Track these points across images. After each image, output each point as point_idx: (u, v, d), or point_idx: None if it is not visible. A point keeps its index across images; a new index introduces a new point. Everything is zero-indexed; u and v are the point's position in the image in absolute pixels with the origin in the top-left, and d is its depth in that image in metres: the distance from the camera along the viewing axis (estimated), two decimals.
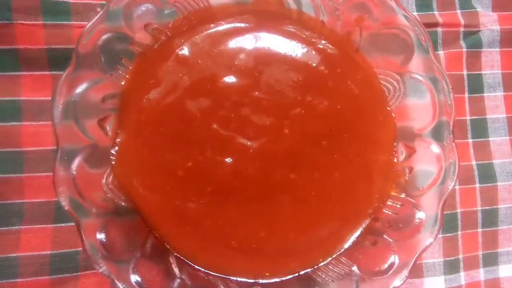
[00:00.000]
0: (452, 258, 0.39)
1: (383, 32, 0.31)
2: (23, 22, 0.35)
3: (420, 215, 0.29)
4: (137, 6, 0.29)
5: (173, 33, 0.31)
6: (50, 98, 0.35)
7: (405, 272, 0.28)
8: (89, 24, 0.27)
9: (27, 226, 0.34)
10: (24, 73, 0.35)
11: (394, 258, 0.28)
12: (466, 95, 0.41)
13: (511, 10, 0.42)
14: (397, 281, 0.27)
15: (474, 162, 0.40)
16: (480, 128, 0.41)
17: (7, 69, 0.35)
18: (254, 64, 0.31)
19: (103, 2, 0.36)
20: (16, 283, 0.34)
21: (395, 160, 0.32)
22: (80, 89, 0.27)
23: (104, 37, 0.28)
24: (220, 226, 0.30)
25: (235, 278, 0.30)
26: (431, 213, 0.29)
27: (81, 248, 0.34)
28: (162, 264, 0.29)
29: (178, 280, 0.29)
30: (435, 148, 0.30)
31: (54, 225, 0.35)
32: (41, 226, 0.34)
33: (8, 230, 0.34)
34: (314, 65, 0.32)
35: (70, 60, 0.34)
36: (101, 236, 0.27)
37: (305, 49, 0.32)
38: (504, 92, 0.41)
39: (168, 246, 0.30)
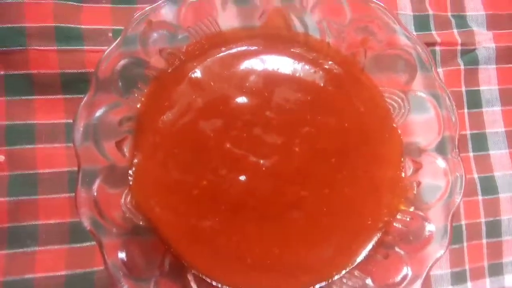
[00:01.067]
0: (459, 269, 0.40)
1: (387, 53, 0.32)
2: (37, 47, 0.36)
3: (429, 227, 0.30)
4: (153, 32, 0.30)
5: (186, 57, 0.33)
6: (63, 121, 0.36)
7: (418, 283, 0.28)
8: (108, 49, 0.28)
9: (42, 248, 0.35)
10: (38, 97, 0.36)
11: (406, 270, 0.29)
12: (466, 110, 0.42)
13: (505, 29, 0.44)
14: None
15: (476, 175, 0.41)
16: (480, 142, 0.42)
17: (21, 93, 0.36)
18: (264, 85, 0.32)
19: (114, 27, 0.38)
20: None
21: (403, 175, 0.33)
22: (99, 112, 0.28)
23: (122, 62, 0.29)
24: (235, 243, 0.31)
25: None
26: (440, 226, 0.30)
27: (96, 268, 0.35)
28: (180, 282, 0.30)
29: None
30: (441, 162, 0.31)
31: (69, 246, 0.35)
32: (56, 247, 0.35)
33: (24, 252, 0.34)
34: (322, 85, 0.33)
35: (84, 84, 0.36)
36: (122, 255, 0.27)
37: (312, 70, 0.33)
38: (501, 107, 0.43)
39: (185, 264, 0.31)
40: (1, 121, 0.35)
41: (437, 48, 0.42)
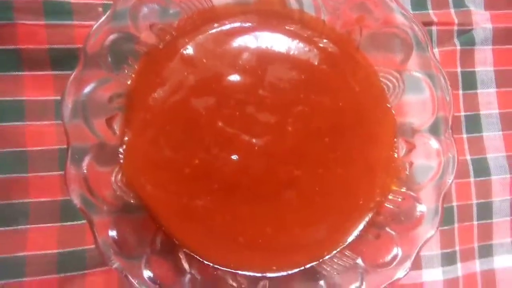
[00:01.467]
0: (449, 250, 0.40)
1: (382, 31, 0.32)
2: (25, 22, 0.35)
3: (421, 208, 0.30)
4: (143, 6, 0.29)
5: (177, 33, 0.32)
6: (52, 97, 0.36)
7: (408, 263, 0.28)
8: (97, 24, 0.27)
9: (34, 226, 0.35)
10: (27, 73, 0.36)
11: (397, 250, 0.29)
12: (460, 91, 0.42)
13: (503, 9, 0.43)
14: (401, 272, 0.28)
15: (468, 157, 0.41)
16: (474, 124, 0.42)
17: (9, 69, 0.35)
18: (258, 63, 0.32)
19: (104, 2, 0.37)
20: (23, 282, 0.34)
21: (396, 156, 0.33)
22: (88, 88, 0.28)
23: (111, 37, 0.28)
24: (227, 222, 0.31)
25: (243, 272, 0.31)
26: (431, 206, 0.30)
27: (87, 246, 0.35)
28: (172, 260, 0.30)
29: (189, 275, 0.29)
30: (434, 143, 0.31)
31: (60, 224, 0.35)
32: (47, 225, 0.35)
33: (15, 230, 0.34)
34: (316, 63, 0.33)
35: (74, 59, 0.35)
36: (113, 233, 0.27)
37: (307, 48, 0.33)
38: (496, 88, 0.43)
39: (177, 242, 0.31)
40: None
41: (434, 28, 0.41)
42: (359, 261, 0.30)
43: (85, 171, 0.27)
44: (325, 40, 0.33)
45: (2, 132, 0.35)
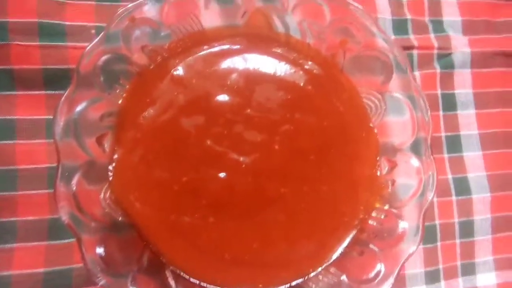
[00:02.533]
0: (433, 268, 0.41)
1: (365, 54, 0.33)
2: (20, 42, 0.36)
3: (403, 225, 0.31)
4: (136, 29, 0.30)
5: (168, 54, 0.33)
6: (44, 117, 0.36)
7: (391, 279, 0.29)
8: (90, 45, 0.28)
9: (21, 244, 0.34)
10: (19, 92, 0.36)
11: (380, 267, 0.30)
12: (441, 113, 0.44)
13: (480, 34, 0.45)
14: None
15: (450, 176, 0.43)
16: (454, 144, 0.43)
17: (2, 89, 0.36)
18: (246, 83, 0.33)
19: (97, 24, 0.38)
20: None
21: (379, 174, 0.34)
22: (80, 107, 0.28)
23: (104, 57, 0.29)
24: (214, 239, 0.31)
25: None
26: (413, 223, 0.31)
27: (74, 265, 0.35)
28: (158, 277, 0.30)
29: None
30: (415, 161, 0.32)
31: (48, 243, 0.35)
32: (34, 243, 0.35)
33: (2, 248, 0.34)
34: (302, 84, 0.34)
35: (66, 80, 0.36)
36: (100, 250, 0.27)
37: (293, 70, 0.34)
38: (476, 110, 0.44)
39: (164, 260, 0.31)
40: None
41: (415, 51, 0.43)
42: (344, 278, 0.31)
43: (74, 189, 0.28)
44: (310, 62, 0.34)
45: None
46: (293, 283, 0.32)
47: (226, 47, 0.34)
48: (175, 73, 0.33)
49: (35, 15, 0.36)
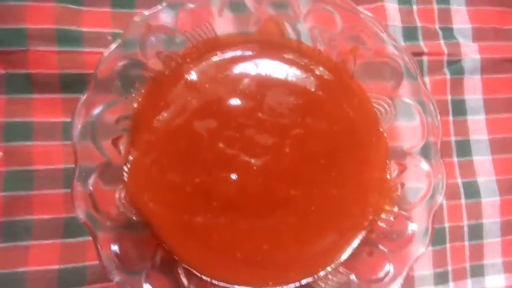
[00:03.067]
0: (442, 269, 0.41)
1: (375, 61, 0.34)
2: (38, 48, 0.37)
3: (412, 226, 0.31)
4: (151, 36, 0.31)
5: (182, 60, 0.34)
6: (61, 119, 0.37)
7: (399, 280, 0.29)
8: (108, 51, 0.29)
9: (36, 242, 0.35)
10: (37, 96, 0.37)
11: (389, 267, 0.30)
12: (451, 118, 0.44)
13: (490, 41, 0.46)
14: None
15: (459, 180, 0.43)
16: (464, 148, 0.44)
17: (20, 92, 0.37)
18: (257, 88, 0.34)
19: (114, 30, 0.39)
20: None
21: (388, 177, 0.34)
22: (97, 110, 0.29)
23: (121, 63, 0.30)
24: (225, 239, 0.32)
25: None
26: (422, 225, 0.31)
27: (88, 263, 0.36)
28: (171, 275, 0.30)
29: None
30: (424, 165, 0.32)
31: (62, 241, 0.36)
32: (49, 241, 0.36)
33: (17, 246, 0.35)
34: (312, 89, 0.35)
35: (82, 84, 0.37)
36: (115, 248, 0.28)
37: (304, 75, 0.35)
38: (485, 115, 0.45)
39: (176, 258, 0.32)
40: (0, 118, 0.36)
41: (425, 58, 0.44)
42: (353, 277, 0.31)
43: (91, 188, 0.28)
44: (321, 68, 0.35)
45: (10, 151, 0.36)
46: (303, 282, 0.32)
47: (238, 53, 0.35)
48: (189, 78, 0.34)
49: (53, 21, 0.38)
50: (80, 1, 0.38)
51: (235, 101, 0.33)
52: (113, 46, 0.29)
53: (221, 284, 0.32)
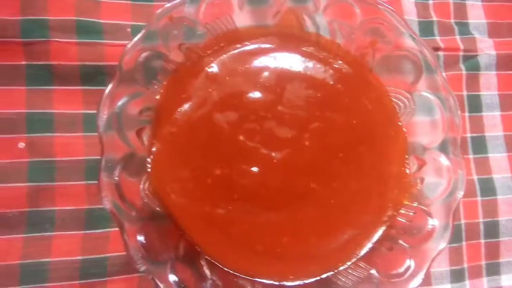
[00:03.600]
0: (458, 267, 0.41)
1: (394, 54, 0.34)
2: (58, 40, 0.37)
3: (432, 222, 0.31)
4: (174, 28, 0.31)
5: (203, 52, 0.34)
6: (81, 111, 0.38)
7: (421, 275, 0.30)
8: (132, 42, 0.30)
9: (59, 233, 0.36)
10: (57, 87, 0.38)
11: (410, 262, 0.31)
12: (467, 114, 0.44)
13: (505, 37, 0.45)
14: (414, 283, 0.30)
15: (475, 177, 0.43)
16: (480, 145, 0.44)
17: (41, 84, 0.37)
18: (277, 81, 0.34)
19: (133, 23, 0.39)
20: (46, 287, 0.35)
21: (407, 171, 0.34)
22: (121, 102, 0.30)
23: (144, 55, 0.30)
24: (246, 231, 0.32)
25: (261, 280, 0.32)
26: (442, 220, 0.31)
27: (109, 254, 0.36)
28: (194, 266, 0.31)
29: (210, 281, 0.30)
30: (444, 160, 0.32)
31: (84, 232, 0.36)
32: (72, 232, 0.36)
33: (41, 236, 0.36)
34: (331, 83, 0.35)
35: (102, 76, 0.38)
36: (141, 238, 0.28)
37: (323, 69, 0.35)
38: (501, 111, 0.45)
39: (198, 249, 0.32)
40: (21, 109, 0.37)
41: (440, 53, 0.44)
42: (373, 271, 0.32)
43: (116, 179, 0.29)
44: (340, 62, 0.35)
45: (32, 142, 0.37)
46: (323, 276, 0.33)
47: (258, 46, 0.35)
48: (209, 70, 0.34)
49: (74, 13, 0.38)
50: None
51: (255, 94, 0.34)
52: (136, 38, 0.30)
53: (243, 276, 0.32)
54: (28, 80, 0.37)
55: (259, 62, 0.35)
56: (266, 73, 0.34)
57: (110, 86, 0.29)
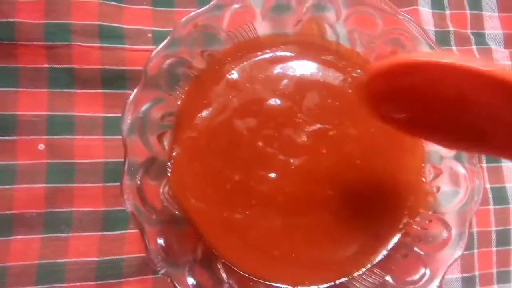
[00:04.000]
0: (469, 274, 0.41)
1: None
2: (81, 44, 0.38)
3: (447, 230, 0.32)
4: (197, 35, 0.32)
5: (225, 59, 0.35)
6: (101, 114, 0.38)
7: (436, 282, 0.30)
8: (157, 49, 0.30)
9: (76, 234, 0.36)
10: (78, 90, 0.38)
11: (424, 270, 0.31)
12: None
13: None
14: None
15: (488, 186, 0.43)
16: None
17: (62, 86, 0.38)
18: (296, 89, 0.34)
19: (154, 28, 0.40)
20: (62, 287, 0.36)
21: (424, 180, 0.35)
22: (145, 107, 0.30)
23: (168, 61, 0.31)
24: (263, 236, 0.33)
25: (276, 285, 0.33)
26: (457, 229, 0.31)
27: (125, 256, 0.36)
28: (211, 269, 0.31)
29: (227, 285, 0.31)
30: (460, 169, 0.33)
31: (101, 233, 0.37)
32: (88, 234, 0.37)
33: (58, 237, 0.36)
34: (350, 91, 0.35)
35: (123, 80, 0.38)
36: (160, 241, 0.29)
37: (342, 77, 0.35)
38: None
39: (216, 253, 0.32)
40: (42, 111, 0.37)
41: None
42: (388, 278, 0.32)
43: (138, 182, 0.29)
44: (359, 70, 0.36)
45: (52, 144, 0.37)
46: (338, 282, 0.33)
47: (278, 53, 0.35)
48: (230, 77, 0.34)
49: (96, 18, 0.39)
50: None
51: (274, 101, 0.34)
52: (161, 44, 0.30)
53: (259, 280, 0.32)
54: (50, 82, 0.38)
55: (279, 70, 0.35)
56: (285, 81, 0.35)
57: (134, 91, 0.29)
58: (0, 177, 0.36)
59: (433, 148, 0.35)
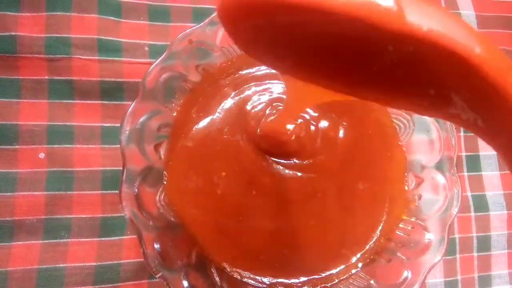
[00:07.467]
0: (452, 278, 0.43)
1: None
2: (80, 57, 0.40)
3: (429, 236, 0.34)
4: (192, 50, 0.34)
5: (219, 73, 0.36)
6: (99, 124, 0.40)
7: (417, 286, 0.32)
8: (154, 64, 0.32)
9: (75, 239, 0.38)
10: (78, 101, 0.40)
11: (407, 273, 0.33)
12: (462, 133, 0.47)
13: None
14: None
15: (469, 193, 0.45)
16: (474, 163, 0.46)
17: (62, 97, 0.39)
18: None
19: (150, 42, 0.42)
20: None
21: (406, 188, 0.37)
22: (142, 118, 0.32)
23: (165, 75, 0.33)
24: (252, 242, 0.34)
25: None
26: (438, 234, 0.33)
27: (122, 261, 0.38)
28: (205, 273, 0.33)
29: None
30: (441, 178, 0.35)
31: (99, 239, 0.38)
32: (87, 239, 0.38)
33: (58, 242, 0.38)
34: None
35: (120, 92, 0.40)
36: (157, 246, 0.30)
37: None
38: None
39: (209, 257, 0.34)
40: (43, 121, 0.39)
41: None
42: (373, 282, 0.34)
43: (136, 190, 0.31)
44: None
45: (52, 152, 0.39)
46: (325, 285, 0.35)
47: (270, 70, 0.37)
48: (223, 90, 0.36)
49: (95, 32, 0.40)
50: (120, 14, 0.41)
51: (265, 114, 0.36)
52: (158, 59, 0.32)
53: (251, 282, 0.34)
54: (51, 94, 0.39)
55: (271, 85, 0.37)
56: (277, 95, 0.37)
57: (133, 104, 0.31)
58: (2, 185, 0.37)
59: (415, 157, 0.37)
